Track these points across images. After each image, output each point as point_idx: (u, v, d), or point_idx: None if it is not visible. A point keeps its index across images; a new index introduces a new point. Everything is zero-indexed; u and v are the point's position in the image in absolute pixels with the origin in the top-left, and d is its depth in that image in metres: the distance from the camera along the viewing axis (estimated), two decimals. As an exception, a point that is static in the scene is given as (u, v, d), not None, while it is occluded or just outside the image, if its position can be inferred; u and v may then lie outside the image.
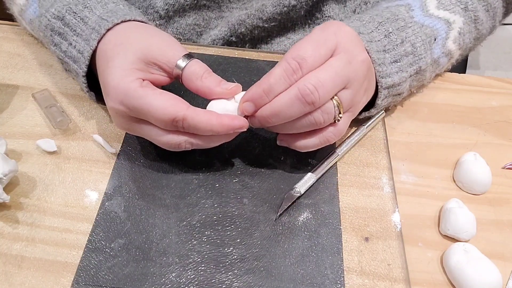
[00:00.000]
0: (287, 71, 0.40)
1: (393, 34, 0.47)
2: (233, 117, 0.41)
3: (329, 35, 0.42)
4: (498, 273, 0.39)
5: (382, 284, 0.40)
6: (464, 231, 0.42)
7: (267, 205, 0.44)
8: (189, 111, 0.40)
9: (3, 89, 0.53)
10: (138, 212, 0.43)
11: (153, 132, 0.42)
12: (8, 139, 0.47)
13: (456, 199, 0.45)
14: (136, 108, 0.40)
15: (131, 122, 0.42)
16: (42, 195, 0.44)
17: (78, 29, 0.46)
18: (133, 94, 0.40)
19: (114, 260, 0.40)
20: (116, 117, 0.43)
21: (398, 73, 0.47)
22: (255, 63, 0.57)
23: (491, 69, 1.25)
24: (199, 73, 0.42)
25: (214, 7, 0.61)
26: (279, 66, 0.41)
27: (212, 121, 0.40)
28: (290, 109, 0.40)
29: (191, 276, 0.39)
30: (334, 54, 0.42)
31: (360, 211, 0.45)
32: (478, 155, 0.48)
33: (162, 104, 0.40)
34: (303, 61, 0.40)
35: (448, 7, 0.51)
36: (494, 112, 0.55)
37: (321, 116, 0.41)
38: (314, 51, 0.41)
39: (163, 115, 0.40)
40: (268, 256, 0.41)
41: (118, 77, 0.41)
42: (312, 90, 0.40)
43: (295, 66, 0.40)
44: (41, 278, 0.39)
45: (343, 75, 0.41)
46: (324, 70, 0.41)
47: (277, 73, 0.41)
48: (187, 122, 0.40)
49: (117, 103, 0.41)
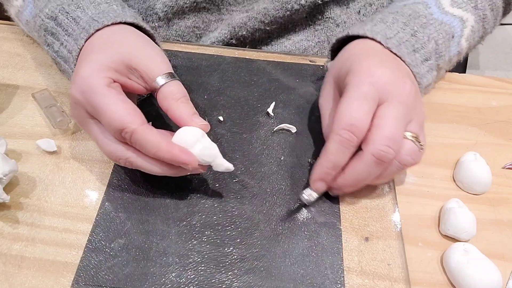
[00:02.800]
0: (342, 143, 0.40)
1: (419, 33, 0.47)
2: (185, 151, 0.40)
3: (365, 88, 0.41)
4: (498, 273, 0.39)
5: (382, 284, 0.40)
6: (464, 231, 0.42)
7: (267, 205, 0.44)
8: (143, 127, 0.39)
9: (3, 89, 0.53)
10: (138, 212, 0.43)
11: (100, 136, 0.41)
12: (8, 139, 0.47)
13: (456, 199, 0.45)
14: (93, 105, 0.40)
15: (85, 116, 0.41)
16: (42, 195, 0.44)
17: (70, 29, 0.46)
18: (96, 90, 0.39)
19: (114, 260, 0.40)
20: (74, 107, 0.42)
21: (429, 72, 0.47)
22: (255, 63, 0.57)
23: (491, 69, 1.25)
24: (177, 95, 0.42)
25: (213, 10, 0.61)
26: (332, 141, 0.40)
27: (161, 145, 0.39)
28: (371, 173, 0.41)
29: (191, 276, 0.39)
30: (380, 102, 0.41)
31: (360, 211, 0.45)
32: (478, 155, 0.48)
33: (119, 110, 0.39)
34: (353, 127, 0.39)
35: (461, 5, 0.51)
36: (494, 112, 0.55)
37: (408, 158, 0.41)
38: (359, 112, 0.40)
39: (115, 121, 0.39)
40: (268, 256, 0.41)
41: (90, 70, 0.41)
42: (386, 150, 0.39)
43: (349, 136, 0.40)
44: (41, 278, 0.39)
45: (401, 117, 0.41)
46: (384, 125, 0.40)
47: (334, 148, 0.40)
48: (136, 136, 0.39)
49: (78, 93, 0.40)
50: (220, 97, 0.53)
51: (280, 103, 0.53)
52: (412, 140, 0.41)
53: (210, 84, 0.54)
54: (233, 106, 0.52)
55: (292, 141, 0.50)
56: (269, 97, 0.53)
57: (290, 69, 0.57)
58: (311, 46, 0.63)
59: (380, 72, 0.42)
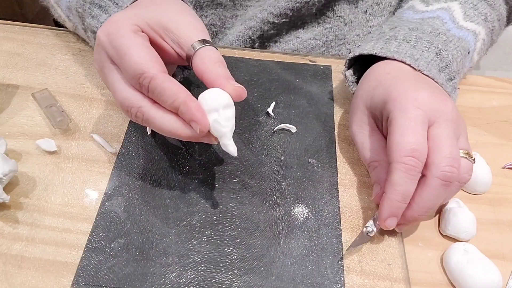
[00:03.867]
0: (409, 170, 0.39)
1: (443, 51, 0.47)
2: (201, 109, 0.37)
3: (413, 112, 0.40)
4: (498, 273, 0.39)
5: (382, 284, 0.40)
6: (464, 231, 0.42)
7: (267, 205, 0.44)
8: (162, 74, 0.37)
9: (3, 89, 0.53)
10: (138, 212, 0.43)
11: (117, 83, 0.40)
12: (8, 139, 0.47)
13: (457, 199, 0.45)
14: (115, 47, 0.39)
15: (106, 60, 0.41)
16: (42, 195, 0.44)
17: (120, 2, 0.46)
18: (121, 33, 0.39)
19: (114, 260, 0.40)
20: (96, 49, 0.41)
21: (453, 92, 0.47)
22: (255, 63, 0.57)
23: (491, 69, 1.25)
24: (215, 59, 0.40)
25: (229, 6, 0.61)
26: (397, 171, 0.39)
27: (180, 94, 0.37)
28: (439, 197, 0.40)
29: (191, 276, 0.39)
30: (429, 124, 0.41)
31: (360, 211, 0.45)
32: (478, 155, 0.48)
33: (140, 54, 0.38)
34: (416, 152, 0.39)
35: (473, 19, 0.51)
36: (494, 112, 0.55)
37: (466, 175, 0.41)
38: (417, 135, 0.39)
39: (136, 64, 0.37)
40: (268, 256, 0.41)
41: (123, 16, 0.40)
42: (450, 170, 0.39)
43: (414, 162, 0.39)
44: (41, 278, 0.39)
45: (453, 135, 0.40)
46: (441, 146, 0.39)
47: (401, 178, 0.39)
48: (155, 82, 0.37)
49: (104, 34, 0.40)
50: (220, 97, 0.53)
51: (280, 103, 0.53)
52: (465, 157, 0.41)
53: (210, 84, 0.54)
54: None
55: (292, 141, 0.50)
56: (269, 97, 0.53)
57: (290, 69, 0.57)
58: (319, 46, 0.63)
59: (422, 95, 0.41)
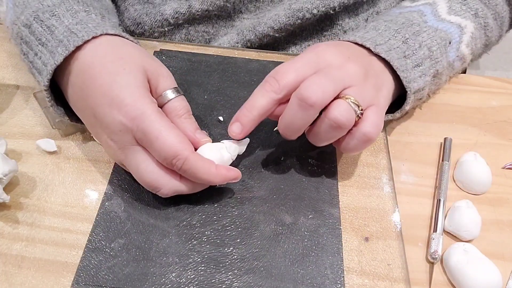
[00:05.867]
0: (264, 87, 0.42)
1: (410, 40, 0.48)
2: (228, 168, 0.42)
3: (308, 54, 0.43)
4: (498, 273, 0.39)
5: (382, 284, 0.40)
6: (464, 230, 0.42)
7: (267, 205, 0.44)
8: (194, 154, 0.40)
9: (3, 89, 0.53)
10: (138, 212, 0.43)
11: (143, 164, 0.40)
12: (8, 139, 0.47)
13: (467, 200, 0.45)
14: (145, 131, 0.39)
15: (131, 143, 0.40)
16: (42, 195, 0.44)
17: (44, 39, 0.43)
18: (149, 117, 0.39)
19: (114, 260, 0.40)
20: (119, 134, 0.40)
21: (422, 77, 0.47)
22: (255, 63, 0.57)
23: (491, 69, 1.25)
24: (180, 112, 0.43)
25: (225, 17, 0.61)
26: (258, 87, 0.43)
27: (211, 170, 0.40)
28: (297, 117, 0.41)
29: (191, 276, 0.39)
30: (317, 72, 0.42)
31: (360, 211, 0.45)
32: (478, 155, 0.48)
33: (171, 137, 0.39)
34: (278, 74, 0.42)
35: (459, 13, 0.52)
36: (494, 112, 0.55)
37: (338, 115, 0.40)
38: (289, 66, 0.42)
39: (169, 147, 0.38)
40: (268, 256, 0.41)
41: (135, 95, 0.40)
42: (306, 91, 0.40)
43: (272, 81, 0.42)
44: (41, 278, 0.39)
45: (335, 77, 0.41)
46: (310, 78, 0.41)
47: (256, 91, 0.43)
48: (188, 163, 0.39)
49: (129, 120, 0.39)
50: (220, 97, 0.53)
51: (280, 103, 0.53)
52: (349, 102, 0.41)
53: (210, 84, 0.54)
54: (233, 106, 0.52)
55: (292, 141, 0.49)
56: (269, 97, 0.53)
57: (290, 69, 0.57)
58: None
59: (324, 46, 0.44)
